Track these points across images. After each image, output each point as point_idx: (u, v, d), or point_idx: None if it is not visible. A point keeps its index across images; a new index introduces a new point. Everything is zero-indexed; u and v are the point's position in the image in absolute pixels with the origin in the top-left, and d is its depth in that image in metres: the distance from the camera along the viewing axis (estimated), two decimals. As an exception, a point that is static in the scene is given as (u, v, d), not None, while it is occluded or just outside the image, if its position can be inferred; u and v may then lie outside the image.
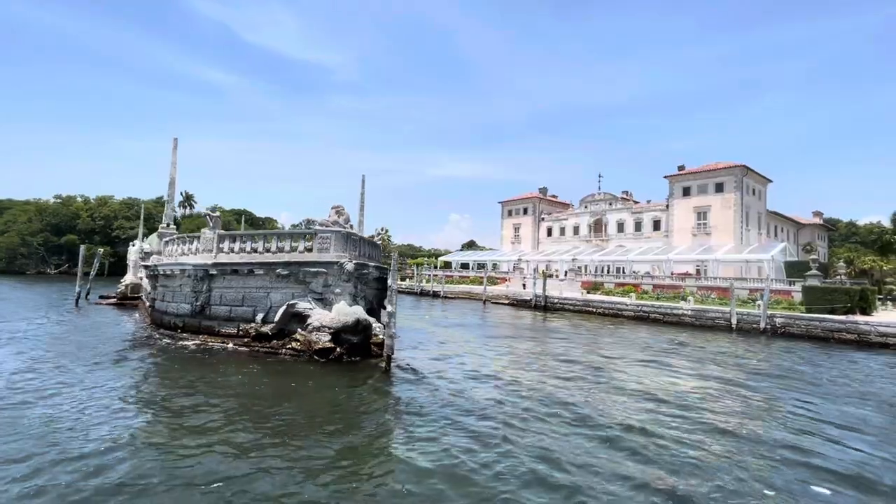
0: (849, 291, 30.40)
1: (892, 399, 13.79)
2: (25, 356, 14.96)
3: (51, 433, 8.57)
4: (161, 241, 21.67)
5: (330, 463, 7.78)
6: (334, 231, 17.19)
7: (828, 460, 8.71)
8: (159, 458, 7.67)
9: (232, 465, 7.54)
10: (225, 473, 7.22)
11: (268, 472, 7.34)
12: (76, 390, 11.41)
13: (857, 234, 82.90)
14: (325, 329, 15.76)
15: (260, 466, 7.53)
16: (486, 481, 7.28)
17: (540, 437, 9.29)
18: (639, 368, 16.86)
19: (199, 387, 12.09)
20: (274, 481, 7.02)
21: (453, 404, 11.38)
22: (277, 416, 10.11)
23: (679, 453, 8.71)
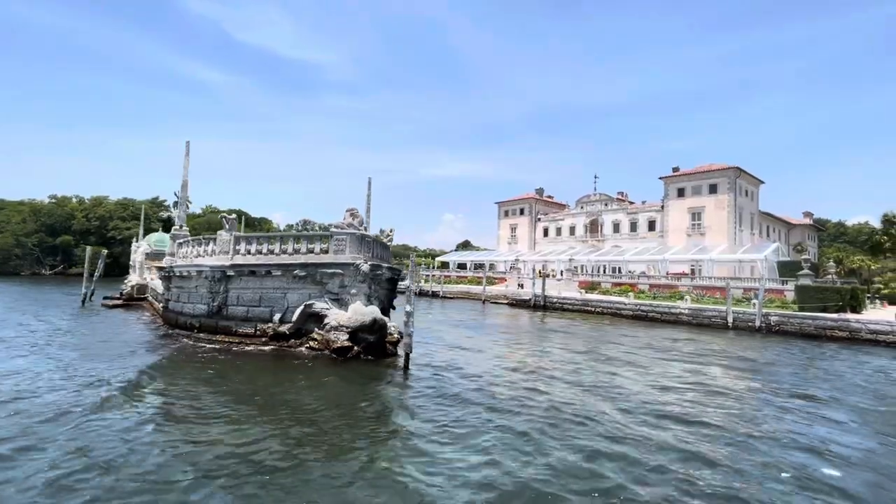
0: (840, 290, 31.39)
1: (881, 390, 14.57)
2: (56, 360, 15.30)
3: (94, 431, 9.01)
4: (174, 242, 21.96)
5: (363, 455, 8.28)
6: (349, 233, 17.69)
7: (833, 445, 9.40)
8: (195, 451, 8.13)
9: (269, 457, 8.03)
10: (266, 465, 7.72)
11: (305, 464, 7.85)
12: (108, 390, 11.81)
13: (846, 234, 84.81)
14: (342, 328, 16.25)
15: (300, 459, 8.04)
16: (517, 471, 7.84)
17: (567, 429, 9.88)
18: (653, 362, 17.53)
19: (227, 384, 12.54)
20: (312, 473, 7.49)
21: (474, 399, 11.93)
22: (307, 411, 10.60)
23: (716, 436, 9.34)
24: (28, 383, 12.02)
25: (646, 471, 7.89)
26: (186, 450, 8.15)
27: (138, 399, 11.08)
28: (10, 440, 8.26)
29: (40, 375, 12.90)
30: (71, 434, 8.67)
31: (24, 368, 13.61)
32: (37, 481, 6.82)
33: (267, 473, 7.34)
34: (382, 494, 6.82)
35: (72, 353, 15.86)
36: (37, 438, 8.42)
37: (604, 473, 7.73)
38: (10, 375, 12.73)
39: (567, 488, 7.15)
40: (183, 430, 9.09)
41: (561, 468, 7.89)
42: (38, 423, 9.19)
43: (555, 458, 8.34)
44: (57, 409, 10.05)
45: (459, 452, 8.51)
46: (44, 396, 10.94)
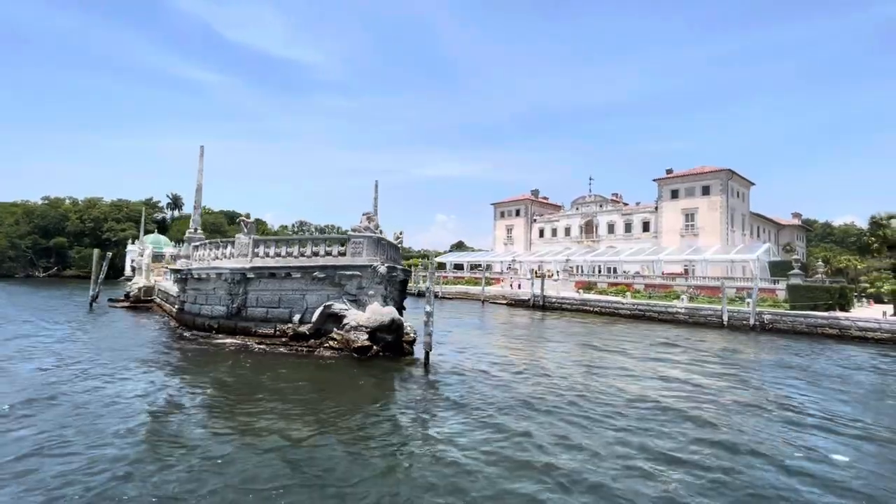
0: (829, 290, 32.56)
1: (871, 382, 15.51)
2: (87, 361, 15.74)
3: (128, 428, 9.57)
4: (189, 245, 22.38)
5: (397, 448, 8.92)
6: (366, 236, 18.30)
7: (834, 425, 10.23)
8: (231, 442, 8.74)
9: (303, 448, 8.66)
10: (318, 457, 8.35)
11: (352, 455, 8.49)
12: (137, 389, 12.33)
13: (833, 234, 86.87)
14: (362, 328, 16.86)
15: (342, 452, 8.68)
16: (540, 457, 8.55)
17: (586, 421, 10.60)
18: (658, 357, 18.34)
19: (262, 381, 13.11)
20: (354, 463, 8.12)
21: (496, 393, 12.63)
22: (339, 406, 11.20)
23: (724, 422, 10.12)
24: (76, 381, 12.50)
25: (669, 448, 8.64)
26: (240, 440, 8.75)
27: (179, 396, 11.62)
28: (81, 437, 8.80)
29: (85, 373, 13.37)
30: (129, 427, 9.23)
31: (63, 368, 14.06)
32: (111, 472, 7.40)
33: (320, 465, 7.97)
34: (441, 471, 7.49)
35: (102, 354, 16.30)
36: (98, 433, 8.96)
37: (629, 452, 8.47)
38: (53, 374, 13.19)
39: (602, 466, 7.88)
40: (232, 423, 9.67)
41: (600, 451, 8.62)
42: (95, 418, 9.71)
43: (591, 441, 9.06)
44: (106, 403, 10.58)
45: (493, 434, 9.21)
46: (92, 392, 11.44)
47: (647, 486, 7.39)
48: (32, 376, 13.12)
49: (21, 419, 9.57)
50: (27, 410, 10.08)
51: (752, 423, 10.82)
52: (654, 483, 7.51)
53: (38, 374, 13.45)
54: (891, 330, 25.78)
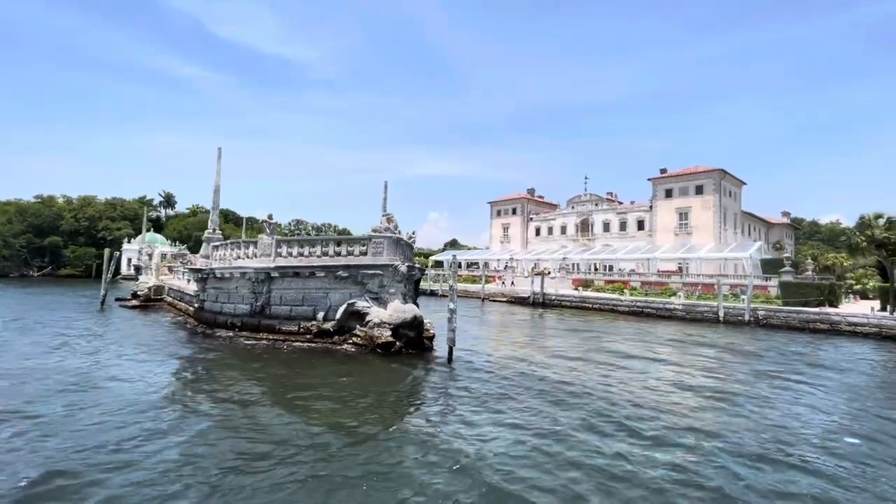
0: (819, 286, 33.93)
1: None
2: (114, 360, 16.32)
3: (187, 420, 10.27)
4: (209, 245, 22.92)
5: (434, 435, 9.74)
6: (387, 237, 19.04)
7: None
8: (274, 430, 9.50)
9: (340, 437, 9.44)
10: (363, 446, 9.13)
11: (392, 441, 9.28)
12: (171, 387, 12.99)
13: (820, 232, 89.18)
14: (385, 325, 17.61)
15: (383, 438, 9.47)
16: (561, 443, 9.42)
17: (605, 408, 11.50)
18: (664, 350, 19.32)
19: (297, 375, 13.83)
20: (392, 449, 8.90)
21: (516, 381, 13.50)
22: (374, 398, 11.97)
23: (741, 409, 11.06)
24: (113, 379, 13.12)
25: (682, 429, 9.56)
26: (283, 427, 9.50)
27: (215, 390, 12.30)
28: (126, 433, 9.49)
29: (118, 372, 13.98)
30: (171, 420, 9.93)
31: (96, 368, 14.64)
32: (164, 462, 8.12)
33: (375, 454, 8.75)
34: (481, 445, 8.31)
35: (128, 352, 16.86)
36: (141, 426, 9.65)
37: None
38: (90, 374, 13.79)
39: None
40: (281, 413, 10.40)
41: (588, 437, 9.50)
42: (136, 413, 10.37)
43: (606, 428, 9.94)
44: (143, 399, 11.26)
45: (517, 413, 10.07)
46: (127, 389, 12.09)
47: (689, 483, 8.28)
48: (81, 373, 13.70)
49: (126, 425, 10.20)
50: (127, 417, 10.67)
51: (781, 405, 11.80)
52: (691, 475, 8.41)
53: (89, 370, 14.02)
54: (878, 325, 27.10)
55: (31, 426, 9.17)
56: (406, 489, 7.07)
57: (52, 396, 11.17)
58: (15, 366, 14.23)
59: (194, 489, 6.87)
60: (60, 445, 8.27)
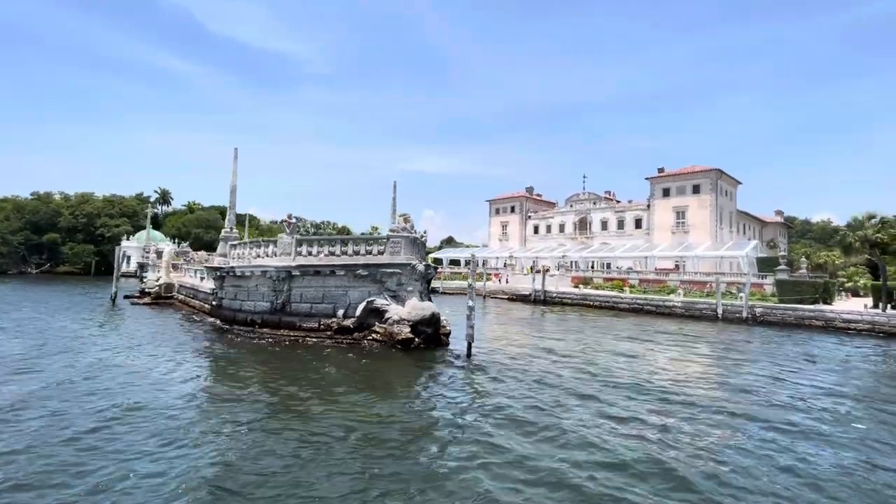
0: (814, 284, 34.99)
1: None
2: (138, 356, 16.87)
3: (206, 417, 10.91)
4: (226, 244, 23.43)
5: (487, 411, 10.47)
6: (404, 237, 19.69)
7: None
8: (307, 417, 10.18)
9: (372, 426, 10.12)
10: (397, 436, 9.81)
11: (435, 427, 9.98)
12: (204, 382, 13.61)
13: (812, 230, 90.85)
14: (404, 322, 18.28)
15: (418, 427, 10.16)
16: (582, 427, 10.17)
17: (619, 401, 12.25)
18: (669, 345, 20.14)
19: (327, 370, 14.46)
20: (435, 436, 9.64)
21: (535, 377, 14.22)
22: (407, 391, 12.67)
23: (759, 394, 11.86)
24: (145, 374, 13.70)
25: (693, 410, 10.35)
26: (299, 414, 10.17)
27: (253, 384, 12.92)
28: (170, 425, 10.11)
29: (152, 366, 14.56)
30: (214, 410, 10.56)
31: (128, 362, 15.21)
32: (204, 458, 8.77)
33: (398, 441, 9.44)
34: (518, 429, 9.02)
35: (161, 351, 17.40)
36: (181, 417, 10.28)
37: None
38: (122, 369, 14.35)
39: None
40: (318, 403, 11.06)
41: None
42: (172, 406, 10.99)
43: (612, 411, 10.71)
44: (200, 394, 11.87)
45: (540, 406, 10.81)
46: (181, 385, 12.69)
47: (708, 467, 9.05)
48: (136, 371, 14.25)
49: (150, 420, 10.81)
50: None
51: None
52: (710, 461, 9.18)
53: (143, 367, 14.58)
54: (871, 321, 28.15)
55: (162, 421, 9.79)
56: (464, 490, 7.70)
57: (135, 392, 11.77)
58: (85, 362, 14.84)
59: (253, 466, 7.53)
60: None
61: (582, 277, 53.03)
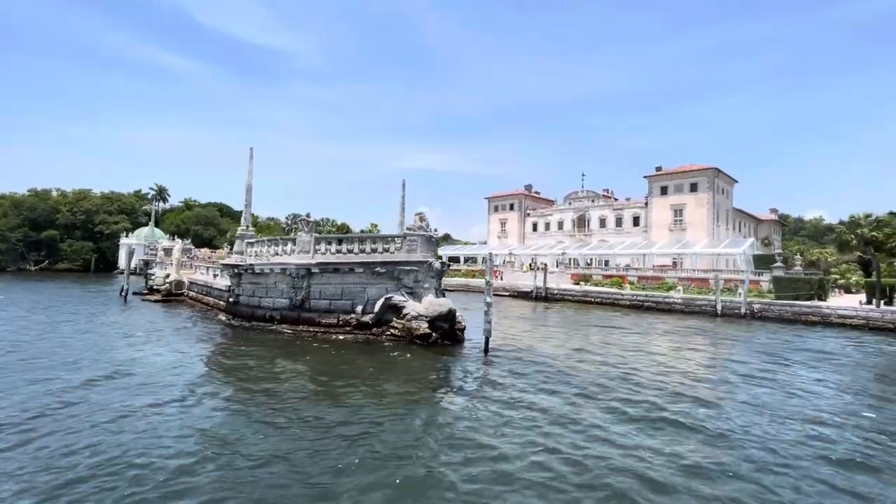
0: (810, 281, 35.98)
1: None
2: (165, 350, 17.38)
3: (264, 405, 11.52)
4: (243, 242, 23.89)
5: (515, 400, 11.14)
6: (420, 235, 20.27)
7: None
8: (342, 405, 10.81)
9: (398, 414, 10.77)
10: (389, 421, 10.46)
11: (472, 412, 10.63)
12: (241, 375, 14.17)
13: (805, 228, 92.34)
14: (422, 318, 18.88)
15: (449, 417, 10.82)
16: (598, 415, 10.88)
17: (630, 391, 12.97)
18: (675, 338, 20.91)
19: (356, 364, 15.06)
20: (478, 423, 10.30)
21: (550, 369, 14.91)
22: (432, 382, 13.29)
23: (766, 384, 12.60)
24: (173, 368, 14.24)
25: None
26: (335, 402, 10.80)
27: (284, 376, 13.51)
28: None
29: (177, 360, 15.11)
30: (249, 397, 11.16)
31: (159, 357, 15.74)
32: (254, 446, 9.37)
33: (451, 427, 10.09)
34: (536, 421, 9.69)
35: (186, 346, 17.91)
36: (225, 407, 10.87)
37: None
38: (153, 363, 14.88)
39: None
40: (351, 392, 11.68)
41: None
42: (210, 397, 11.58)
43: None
44: (206, 382, 12.45)
45: (556, 396, 11.50)
46: (217, 378, 13.25)
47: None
48: (174, 366, 14.78)
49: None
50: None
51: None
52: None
53: (176, 367, 15.10)
54: (866, 317, 29.13)
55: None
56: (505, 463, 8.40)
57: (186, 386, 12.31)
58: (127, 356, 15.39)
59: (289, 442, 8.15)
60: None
61: (581, 274, 53.82)
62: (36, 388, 11.61)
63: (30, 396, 10.89)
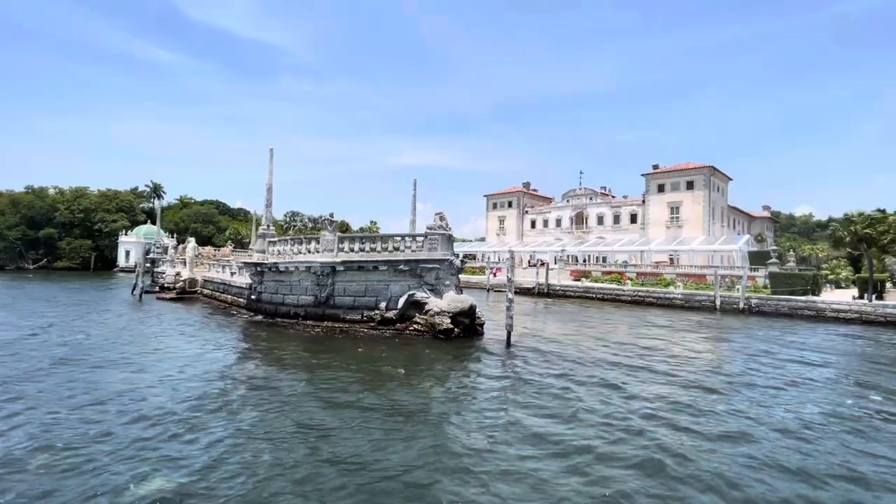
0: (804, 276, 37.33)
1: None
2: (202, 345, 18.10)
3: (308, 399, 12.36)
4: (265, 241, 24.56)
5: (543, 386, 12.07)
6: (440, 234, 21.10)
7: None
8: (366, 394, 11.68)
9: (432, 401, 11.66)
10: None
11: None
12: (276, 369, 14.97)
13: (795, 224, 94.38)
14: (445, 313, 19.74)
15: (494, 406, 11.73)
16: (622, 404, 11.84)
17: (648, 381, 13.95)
18: (682, 331, 21.95)
19: (377, 356, 15.90)
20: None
21: (571, 360, 15.85)
22: (466, 371, 14.19)
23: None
24: (215, 360, 15.00)
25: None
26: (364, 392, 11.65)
27: (321, 367, 14.32)
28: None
29: (219, 355, 15.86)
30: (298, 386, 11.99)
31: (218, 352, 16.46)
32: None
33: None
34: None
35: (225, 342, 18.63)
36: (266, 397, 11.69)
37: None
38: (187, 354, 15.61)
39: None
40: (351, 381, 12.53)
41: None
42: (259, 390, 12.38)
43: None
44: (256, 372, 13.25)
45: (583, 386, 12.45)
46: (260, 371, 14.04)
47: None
48: (222, 362, 15.51)
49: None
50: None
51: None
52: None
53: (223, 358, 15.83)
54: (859, 311, 30.46)
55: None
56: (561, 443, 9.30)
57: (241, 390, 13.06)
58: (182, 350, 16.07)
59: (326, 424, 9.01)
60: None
61: (581, 271, 54.93)
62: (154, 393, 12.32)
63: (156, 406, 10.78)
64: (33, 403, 10.40)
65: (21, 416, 9.59)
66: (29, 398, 10.78)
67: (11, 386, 11.72)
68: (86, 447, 8.08)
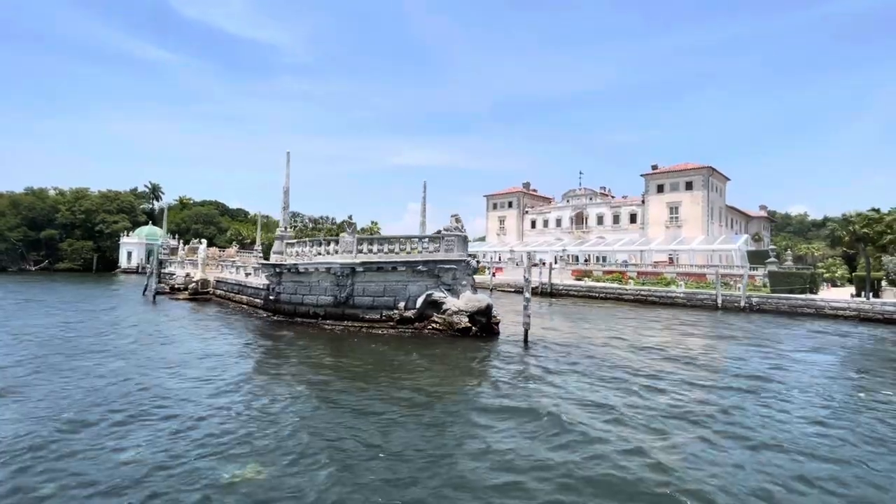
0: (803, 275, 38.27)
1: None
2: (231, 344, 18.66)
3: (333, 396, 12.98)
4: (282, 242, 25.12)
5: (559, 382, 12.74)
6: (456, 235, 21.76)
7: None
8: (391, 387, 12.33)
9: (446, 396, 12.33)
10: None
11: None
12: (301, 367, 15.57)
13: (791, 224, 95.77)
14: (462, 313, 20.39)
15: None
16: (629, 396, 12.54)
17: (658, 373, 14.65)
18: (685, 329, 22.71)
19: (400, 354, 16.52)
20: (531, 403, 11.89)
21: (579, 353, 16.53)
22: (486, 367, 14.85)
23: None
24: (240, 358, 15.58)
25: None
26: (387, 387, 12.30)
27: (346, 365, 14.93)
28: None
29: (244, 353, 16.42)
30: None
31: (232, 351, 17.04)
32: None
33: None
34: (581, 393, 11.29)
35: (243, 339, 19.19)
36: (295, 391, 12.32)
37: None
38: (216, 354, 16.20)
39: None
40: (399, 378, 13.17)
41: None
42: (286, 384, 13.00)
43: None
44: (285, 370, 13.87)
45: (598, 381, 13.13)
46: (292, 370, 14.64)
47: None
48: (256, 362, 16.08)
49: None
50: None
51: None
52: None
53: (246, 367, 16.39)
54: (857, 309, 31.38)
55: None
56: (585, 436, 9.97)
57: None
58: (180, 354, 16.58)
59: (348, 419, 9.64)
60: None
61: (582, 270, 55.75)
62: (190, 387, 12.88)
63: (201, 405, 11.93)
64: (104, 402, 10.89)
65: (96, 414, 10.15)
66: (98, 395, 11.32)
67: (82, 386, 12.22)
68: (174, 443, 8.56)
